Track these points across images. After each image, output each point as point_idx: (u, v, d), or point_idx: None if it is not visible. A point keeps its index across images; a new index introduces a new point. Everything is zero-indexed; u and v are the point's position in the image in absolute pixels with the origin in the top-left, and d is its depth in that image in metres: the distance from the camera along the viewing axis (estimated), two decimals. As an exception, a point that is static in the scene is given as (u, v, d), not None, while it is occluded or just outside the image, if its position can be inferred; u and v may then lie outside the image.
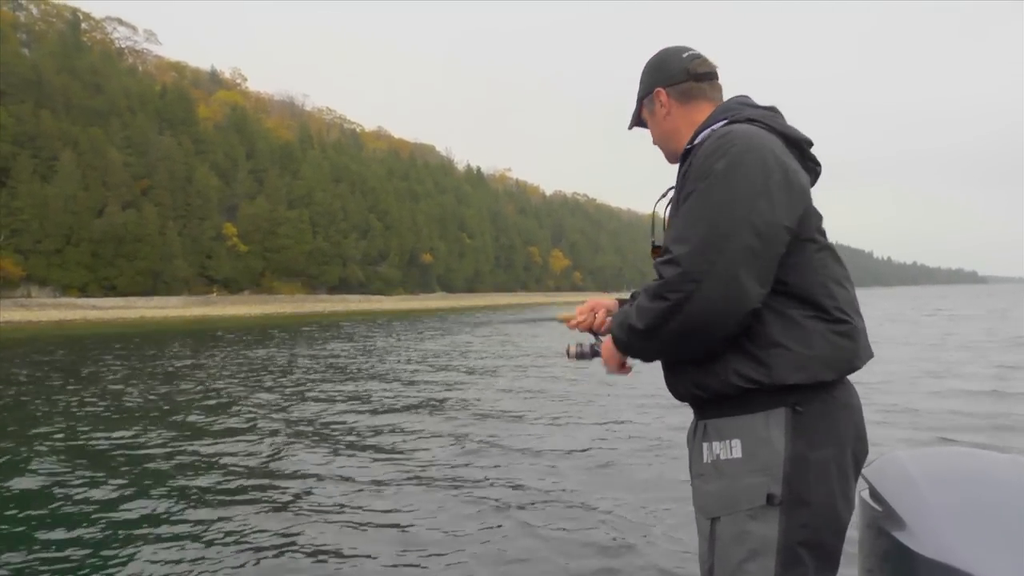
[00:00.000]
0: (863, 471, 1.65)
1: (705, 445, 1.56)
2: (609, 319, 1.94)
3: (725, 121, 1.59)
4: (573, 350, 1.88)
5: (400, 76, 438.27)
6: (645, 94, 1.81)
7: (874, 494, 1.63)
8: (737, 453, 1.47)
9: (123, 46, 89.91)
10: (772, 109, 1.65)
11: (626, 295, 1.95)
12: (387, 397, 10.47)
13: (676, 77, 1.74)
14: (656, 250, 1.71)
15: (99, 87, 66.14)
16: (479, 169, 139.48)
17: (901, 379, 11.00)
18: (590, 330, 1.90)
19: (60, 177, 56.64)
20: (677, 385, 1.63)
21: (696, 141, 1.61)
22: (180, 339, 25.83)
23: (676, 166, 1.80)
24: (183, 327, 36.57)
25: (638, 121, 1.89)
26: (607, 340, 1.70)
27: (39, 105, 58.79)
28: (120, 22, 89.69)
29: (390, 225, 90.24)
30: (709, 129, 1.60)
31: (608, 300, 1.94)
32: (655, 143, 1.86)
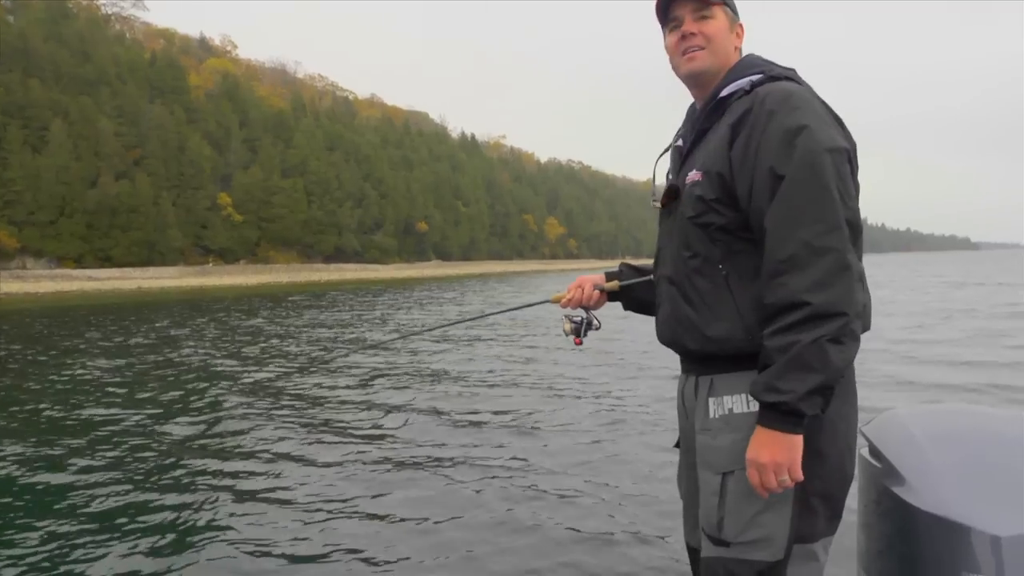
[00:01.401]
0: (862, 428, 1.70)
1: (712, 400, 1.56)
2: (597, 293, 1.95)
3: (762, 75, 1.55)
4: (568, 327, 1.95)
5: (393, 43, 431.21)
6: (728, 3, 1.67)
7: (873, 451, 1.68)
8: (754, 407, 1.45)
9: (109, 12, 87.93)
10: (792, 71, 1.60)
11: (613, 267, 2.01)
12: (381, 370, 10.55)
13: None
14: (666, 199, 1.71)
15: (87, 55, 64.80)
16: (473, 136, 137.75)
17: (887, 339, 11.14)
18: (580, 305, 1.95)
19: (51, 147, 55.87)
20: (686, 338, 1.61)
21: (734, 90, 1.56)
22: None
23: (679, 136, 1.78)
24: (182, 297, 36.51)
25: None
26: (762, 434, 1.43)
27: (28, 74, 57.67)
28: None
29: (385, 194, 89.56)
30: (747, 80, 1.55)
31: (594, 276, 1.98)
32: (685, 48, 1.64)
